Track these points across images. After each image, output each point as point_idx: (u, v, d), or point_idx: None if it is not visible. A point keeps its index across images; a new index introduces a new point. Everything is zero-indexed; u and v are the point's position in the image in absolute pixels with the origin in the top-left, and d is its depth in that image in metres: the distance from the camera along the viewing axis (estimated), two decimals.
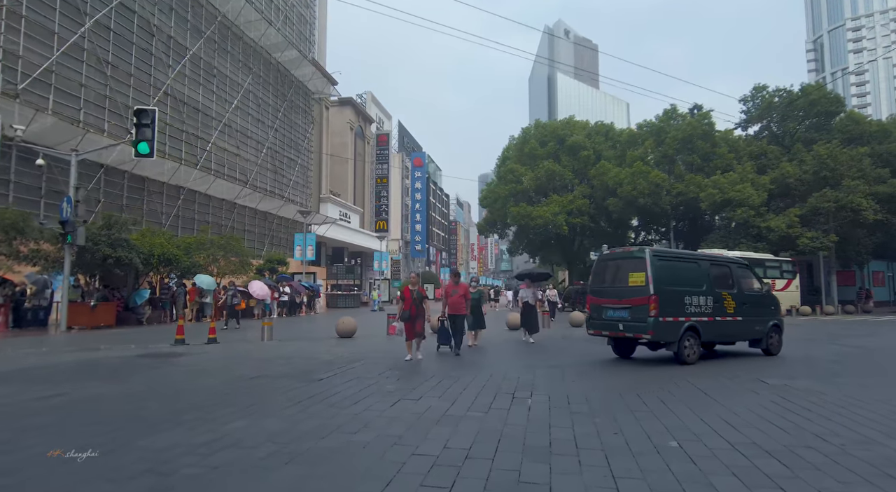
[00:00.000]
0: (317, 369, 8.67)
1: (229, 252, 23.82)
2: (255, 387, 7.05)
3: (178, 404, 6.00)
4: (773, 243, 34.58)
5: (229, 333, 16.39)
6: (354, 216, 61.46)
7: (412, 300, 9.93)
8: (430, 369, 8.68)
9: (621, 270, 10.47)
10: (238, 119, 38.09)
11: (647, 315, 9.43)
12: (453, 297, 11.12)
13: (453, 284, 11.45)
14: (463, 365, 9.20)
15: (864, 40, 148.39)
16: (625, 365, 9.39)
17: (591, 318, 10.88)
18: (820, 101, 38.15)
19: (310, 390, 6.74)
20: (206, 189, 34.12)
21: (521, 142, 46.52)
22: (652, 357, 10.57)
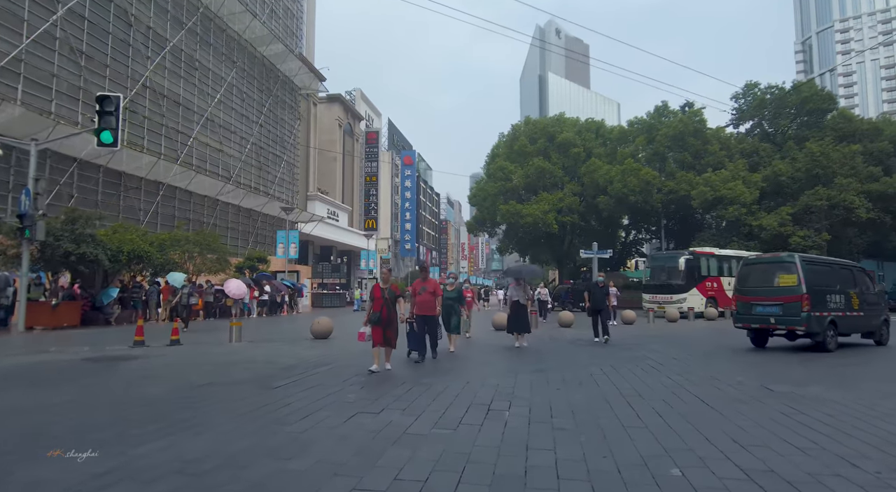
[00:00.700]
0: (276, 374, 7.86)
1: (206, 249, 22.91)
2: (198, 397, 6.23)
3: (96, 418, 5.18)
4: (764, 242, 34.08)
5: (195, 334, 15.48)
6: (343, 214, 60.58)
7: (383, 301, 8.36)
8: (400, 376, 7.87)
9: (770, 272, 12.38)
10: (221, 113, 37.10)
11: (801, 311, 11.24)
12: (421, 295, 9.68)
13: (421, 281, 10.03)
14: (438, 371, 8.40)
15: (851, 41, 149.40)
16: (616, 369, 8.65)
17: (738, 313, 12.70)
18: (812, 98, 37.73)
19: (259, 401, 5.94)
20: (187, 185, 33.14)
21: (510, 139, 45.82)
22: (651, 360, 9.86)
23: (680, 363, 9.48)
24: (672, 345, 12.91)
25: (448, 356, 10.17)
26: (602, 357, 10.19)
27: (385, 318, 8.30)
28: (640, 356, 10.43)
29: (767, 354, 11.06)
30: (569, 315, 19.77)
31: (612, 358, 10.05)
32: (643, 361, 9.78)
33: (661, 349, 11.77)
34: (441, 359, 9.79)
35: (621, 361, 9.70)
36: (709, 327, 20.06)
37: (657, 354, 10.75)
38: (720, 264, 29.75)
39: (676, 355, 10.63)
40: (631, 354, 10.71)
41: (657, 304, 28.31)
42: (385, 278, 8.92)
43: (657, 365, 9.20)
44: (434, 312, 9.68)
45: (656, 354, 10.75)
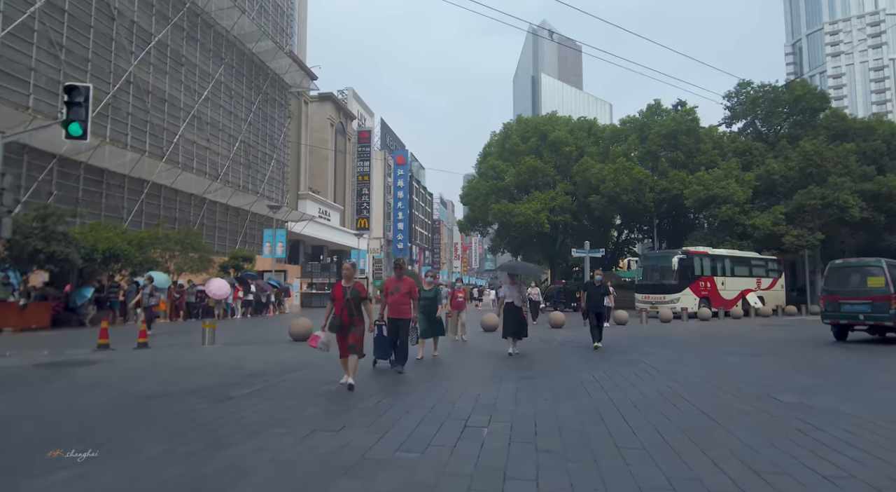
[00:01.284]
0: (239, 382, 7.20)
1: (188, 248, 22.19)
2: (141, 410, 5.56)
3: (6, 438, 4.51)
4: (757, 242, 33.66)
5: (167, 336, 14.77)
6: (335, 214, 59.94)
7: (344, 302, 6.94)
8: (374, 384, 7.23)
9: (858, 274, 14.13)
10: (209, 111, 36.34)
11: (889, 309, 13.03)
12: (394, 295, 8.45)
13: (395, 280, 8.76)
14: (414, 379, 7.75)
15: (841, 44, 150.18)
16: (609, 375, 8.05)
17: (826, 311, 14.42)
18: (805, 96, 37.30)
19: (207, 415, 5.28)
20: (172, 183, 32.34)
21: (502, 137, 45.25)
22: (645, 364, 9.27)
23: (676, 367, 8.90)
24: (666, 347, 12.33)
25: (430, 362, 9.49)
26: (594, 362, 9.60)
27: (346, 323, 6.89)
28: (634, 360, 9.84)
29: (764, 359, 10.48)
30: (560, 316, 19.19)
31: (605, 363, 9.46)
32: (637, 365, 9.19)
33: (655, 352, 11.19)
34: (418, 366, 9.06)
35: (614, 365, 9.11)
36: (702, 328, 19.51)
37: (651, 358, 10.17)
38: (714, 264, 29.27)
39: (672, 359, 10.05)
40: (624, 358, 10.12)
41: (650, 304, 27.78)
42: (348, 275, 7.31)
43: (652, 369, 8.61)
44: (407, 314, 8.47)
45: (650, 358, 10.17)
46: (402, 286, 8.57)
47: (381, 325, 8.45)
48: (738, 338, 15.33)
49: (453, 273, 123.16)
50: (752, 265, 31.61)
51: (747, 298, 30.27)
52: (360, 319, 7.02)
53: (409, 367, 8.53)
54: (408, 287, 8.57)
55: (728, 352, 11.37)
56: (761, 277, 31.72)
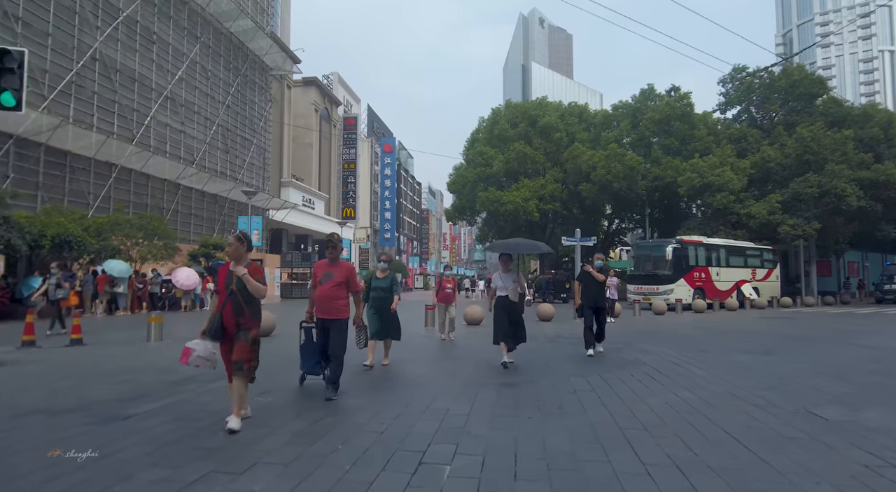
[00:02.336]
0: (152, 393, 5.89)
1: (151, 234, 20.73)
2: None
3: None
4: (752, 231, 32.66)
5: (116, 331, 13.37)
6: (319, 202, 58.40)
7: (228, 294, 4.80)
8: (316, 395, 5.94)
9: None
10: (183, 92, 34.62)
11: None
12: (324, 286, 6.06)
13: (327, 264, 6.23)
14: (374, 387, 6.47)
15: (831, 35, 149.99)
16: (607, 381, 6.84)
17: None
18: (802, 81, 36.18)
19: (72, 444, 3.94)
20: (142, 167, 30.70)
21: (490, 123, 43.83)
22: (646, 366, 8.07)
23: (683, 370, 7.69)
24: (666, 343, 11.15)
25: (387, 370, 8.16)
26: (588, 363, 8.38)
27: (229, 326, 4.74)
28: (633, 360, 8.63)
29: (779, 358, 9.29)
30: (549, 308, 18.01)
31: (600, 364, 8.25)
32: (637, 367, 7.99)
33: (654, 350, 10.00)
34: (377, 371, 7.67)
35: (611, 367, 7.90)
36: (699, 321, 18.43)
37: (652, 357, 8.97)
38: (708, 254, 28.26)
39: (675, 358, 8.85)
40: (621, 357, 8.92)
41: (642, 295, 26.74)
42: (234, 254, 4.87)
43: (656, 373, 7.40)
44: (341, 313, 5.98)
45: (651, 357, 8.97)
46: (335, 273, 6.04)
47: (309, 328, 6.28)
48: (740, 333, 14.21)
49: (441, 263, 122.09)
50: (748, 255, 30.64)
51: (742, 289, 29.32)
52: (251, 316, 4.81)
53: (358, 374, 7.19)
54: (344, 275, 6.08)
55: (736, 349, 10.18)
56: (756, 267, 30.77)
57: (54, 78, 25.07)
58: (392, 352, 8.34)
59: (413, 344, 10.96)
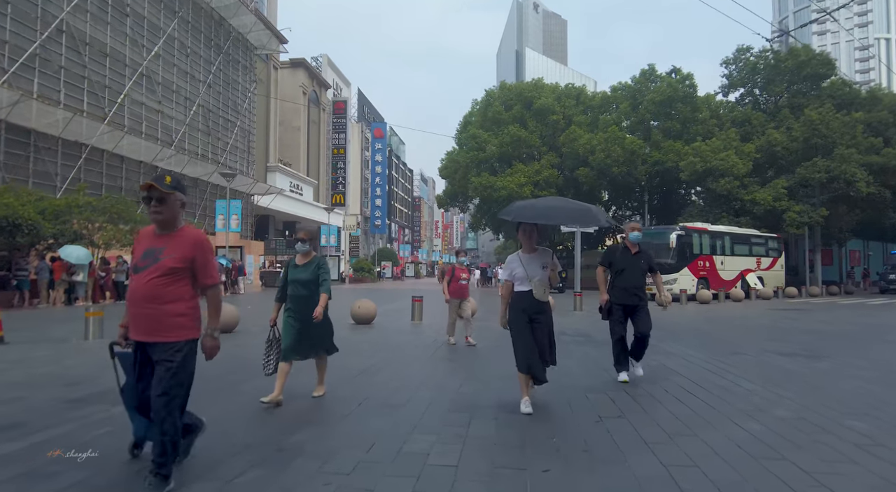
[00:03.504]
0: (31, 420, 4.35)
1: (115, 218, 19.04)
2: None
3: None
4: (757, 218, 31.30)
5: (57, 325, 11.78)
6: (308, 188, 56.64)
7: None
8: (234, 432, 4.40)
9: None
10: (160, 69, 32.69)
11: None
12: (141, 275, 3.17)
13: (155, 234, 3.31)
14: (326, 410, 4.98)
15: (828, 23, 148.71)
16: (637, 400, 5.37)
17: None
18: (809, 62, 34.64)
19: None
20: (114, 147, 28.86)
21: (484, 105, 42.12)
22: (679, 375, 6.60)
23: (726, 382, 6.22)
24: (688, 343, 9.72)
25: (361, 380, 6.64)
26: (606, 372, 6.89)
27: None
28: (659, 367, 7.16)
29: (832, 365, 7.83)
30: None
31: (606, 362, 6.75)
32: (668, 377, 6.51)
33: (678, 351, 8.54)
34: (340, 391, 5.78)
35: (637, 378, 6.41)
36: (709, 314, 17.05)
37: (679, 362, 7.51)
38: (713, 242, 26.88)
39: (708, 364, 7.39)
40: (645, 363, 7.44)
41: None
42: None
43: (695, 387, 5.93)
44: (171, 332, 3.15)
45: (678, 362, 7.50)
46: (165, 251, 3.21)
47: (126, 354, 3.40)
48: (763, 328, 12.81)
49: (433, 251, 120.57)
50: (753, 243, 29.29)
51: (747, 278, 27.99)
52: None
53: (306, 402, 5.61)
54: (181, 253, 3.21)
55: (774, 351, 8.70)
56: (761, 256, 29.45)
57: (16, 50, 23.22)
58: (364, 358, 6.83)
59: (391, 343, 9.45)
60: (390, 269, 67.31)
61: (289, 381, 5.10)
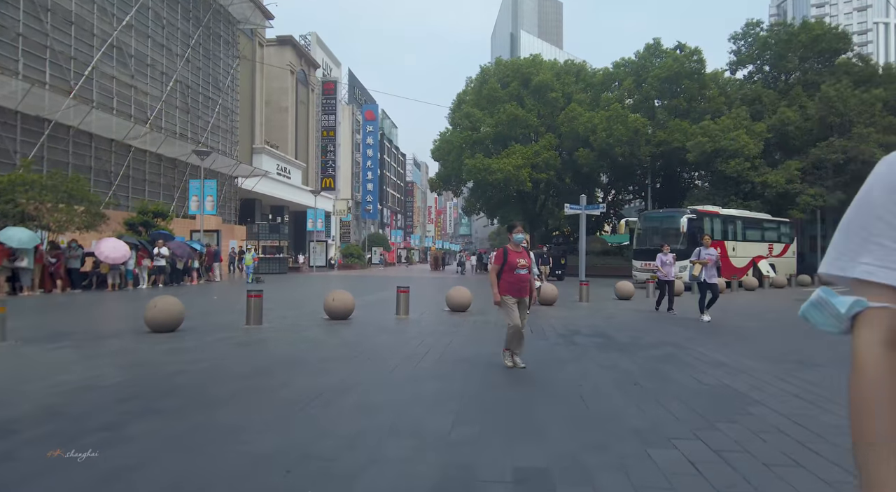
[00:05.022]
0: None
1: (65, 197, 17.02)
2: None
3: None
4: (768, 202, 29.54)
5: None
6: (296, 172, 54.48)
7: None
8: None
9: None
10: (132, 41, 30.42)
11: None
12: None
13: None
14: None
15: (826, 6, 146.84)
16: (735, 469, 3.54)
17: None
18: (825, 36, 32.66)
19: None
20: (80, 123, 26.67)
21: (479, 82, 39.98)
22: (729, 389, 4.79)
23: (827, 414, 4.42)
24: (736, 348, 7.90)
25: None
26: (661, 399, 5.08)
27: None
28: (720, 387, 5.31)
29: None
30: (550, 289, 14.71)
31: (679, 401, 4.96)
32: (746, 407, 4.64)
33: (732, 361, 6.70)
34: None
35: (701, 407, 4.55)
36: (725, 304, 15.24)
37: (744, 379, 5.66)
38: (725, 226, 25.08)
39: (785, 384, 5.57)
40: (696, 380, 5.63)
41: (650, 272, 23.57)
42: None
43: (794, 428, 4.08)
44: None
45: (742, 380, 5.64)
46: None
47: None
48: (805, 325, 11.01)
49: (426, 237, 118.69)
50: (765, 229, 27.52)
51: (759, 265, 26.23)
52: None
53: None
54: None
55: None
56: (773, 242, 27.68)
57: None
58: (325, 373, 4.97)
59: (365, 349, 7.57)
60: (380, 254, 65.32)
61: None
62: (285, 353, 6.98)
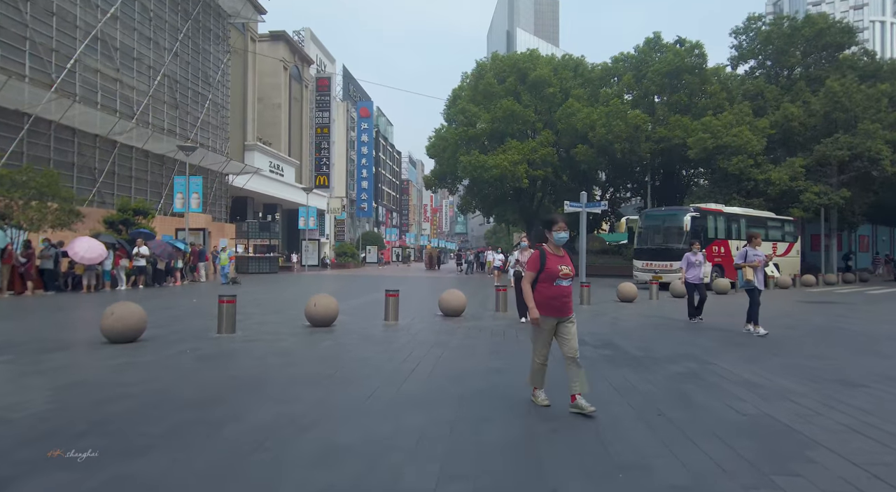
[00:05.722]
0: None
1: (36, 194, 16.07)
2: None
3: None
4: (771, 199, 28.75)
5: None
6: (289, 169, 53.57)
7: None
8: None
9: None
10: (118, 34, 29.39)
11: None
12: None
13: None
14: None
15: (822, 4, 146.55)
16: None
17: None
18: (829, 30, 31.83)
19: None
20: (61, 118, 25.69)
21: (475, 78, 39.06)
22: (778, 421, 3.95)
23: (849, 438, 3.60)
24: (762, 361, 7.06)
25: None
26: (640, 395, 4.23)
27: None
28: (762, 417, 4.47)
29: None
30: None
31: (673, 405, 4.12)
32: (811, 455, 3.82)
33: (765, 380, 5.83)
34: None
35: (696, 411, 3.74)
36: (730, 305, 14.41)
37: (786, 407, 4.78)
38: (728, 225, 24.30)
39: (828, 405, 4.75)
40: (698, 387, 4.80)
41: (652, 272, 22.78)
42: None
43: (802, 435, 3.27)
44: None
45: (785, 408, 4.77)
46: None
47: None
48: (828, 333, 10.19)
49: (421, 235, 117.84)
50: (769, 227, 26.75)
51: None
52: None
53: None
54: None
55: (894, 377, 6.07)
56: (777, 241, 26.92)
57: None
58: (287, 400, 4.10)
59: (344, 365, 6.69)
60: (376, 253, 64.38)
61: None
62: (250, 370, 6.10)
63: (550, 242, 4.93)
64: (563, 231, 4.90)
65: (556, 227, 4.87)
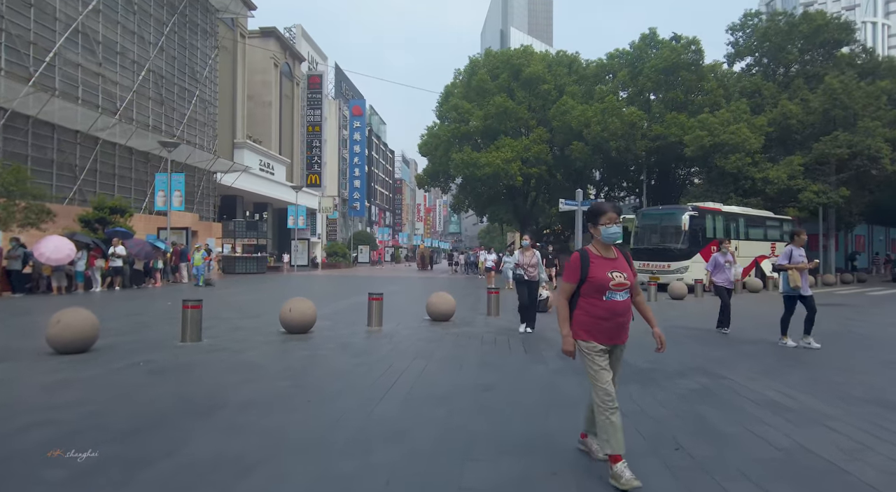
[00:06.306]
0: None
1: (9, 192, 15.22)
2: None
3: None
4: (769, 199, 28.20)
5: None
6: (280, 168, 52.64)
7: None
8: None
9: None
10: (100, 27, 28.47)
11: None
12: None
13: None
14: None
15: (815, 4, 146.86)
16: None
17: None
18: (826, 27, 31.31)
19: None
20: (39, 113, 24.77)
21: (468, 74, 38.33)
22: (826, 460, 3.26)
23: None
24: (784, 376, 6.37)
25: None
26: (652, 421, 3.59)
27: None
28: (796, 450, 3.79)
29: None
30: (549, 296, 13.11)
31: (692, 435, 3.47)
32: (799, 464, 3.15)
33: (792, 401, 5.12)
34: None
35: (720, 442, 3.06)
36: (744, 311, 13.74)
37: (825, 438, 4.11)
38: (727, 224, 23.69)
39: (875, 437, 4.07)
40: (717, 410, 4.12)
41: (649, 273, 22.15)
42: None
43: (854, 478, 2.59)
44: None
45: (823, 439, 4.09)
46: None
47: None
48: (841, 337, 9.54)
49: (415, 235, 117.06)
50: (767, 227, 26.19)
51: (762, 266, 24.88)
52: None
53: None
54: None
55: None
56: (776, 241, 26.35)
57: None
58: (233, 435, 3.37)
59: (313, 384, 5.95)
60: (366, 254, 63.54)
61: None
62: (204, 388, 5.34)
63: (597, 239, 3.58)
64: (615, 224, 3.50)
65: (605, 218, 3.49)
